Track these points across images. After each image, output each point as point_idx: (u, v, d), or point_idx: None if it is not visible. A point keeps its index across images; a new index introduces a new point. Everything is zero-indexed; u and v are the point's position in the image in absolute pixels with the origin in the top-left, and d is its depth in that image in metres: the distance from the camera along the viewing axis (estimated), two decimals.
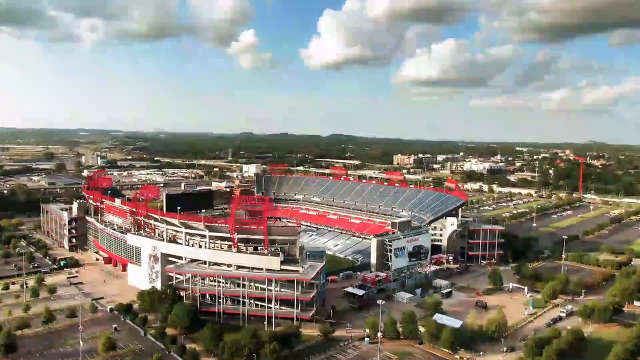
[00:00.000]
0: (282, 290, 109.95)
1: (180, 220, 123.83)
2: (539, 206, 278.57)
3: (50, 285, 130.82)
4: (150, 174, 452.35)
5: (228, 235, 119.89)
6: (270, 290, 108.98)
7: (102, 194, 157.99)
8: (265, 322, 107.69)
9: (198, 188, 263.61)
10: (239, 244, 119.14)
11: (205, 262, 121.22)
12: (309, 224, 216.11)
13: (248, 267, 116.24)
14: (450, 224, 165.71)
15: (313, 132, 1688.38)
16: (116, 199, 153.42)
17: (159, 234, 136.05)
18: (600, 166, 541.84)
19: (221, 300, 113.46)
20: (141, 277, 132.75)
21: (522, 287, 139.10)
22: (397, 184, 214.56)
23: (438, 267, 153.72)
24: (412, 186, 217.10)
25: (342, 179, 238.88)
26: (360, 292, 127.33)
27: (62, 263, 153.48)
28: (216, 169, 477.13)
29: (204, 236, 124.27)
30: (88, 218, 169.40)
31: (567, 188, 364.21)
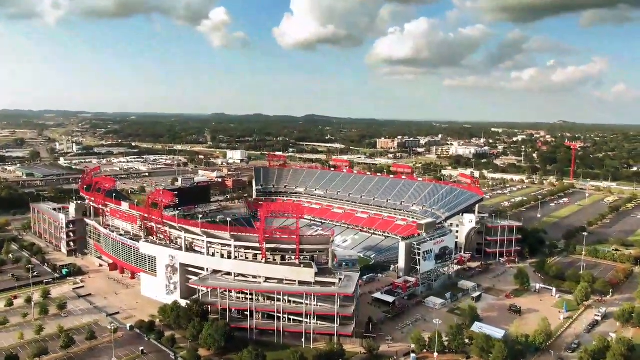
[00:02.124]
0: (320, 304, 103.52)
1: (203, 229, 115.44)
2: (539, 196, 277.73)
3: (59, 299, 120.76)
4: (132, 161, 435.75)
5: (254, 244, 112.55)
6: (308, 305, 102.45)
7: (106, 197, 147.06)
8: (303, 339, 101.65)
9: (197, 179, 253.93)
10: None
11: (229, 274, 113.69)
12: (312, 219, 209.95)
13: (277, 279, 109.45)
14: (469, 221, 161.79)
15: (287, 113, 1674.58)
16: (123, 203, 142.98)
17: (174, 241, 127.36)
18: (579, 149, 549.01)
19: (253, 316, 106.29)
20: (157, 288, 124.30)
21: (550, 287, 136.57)
22: (404, 177, 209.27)
23: (460, 267, 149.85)
24: (420, 179, 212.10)
25: (344, 170, 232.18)
26: (391, 299, 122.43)
27: (64, 271, 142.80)
28: (201, 157, 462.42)
29: (226, 245, 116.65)
30: (88, 221, 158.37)
31: (557, 174, 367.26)
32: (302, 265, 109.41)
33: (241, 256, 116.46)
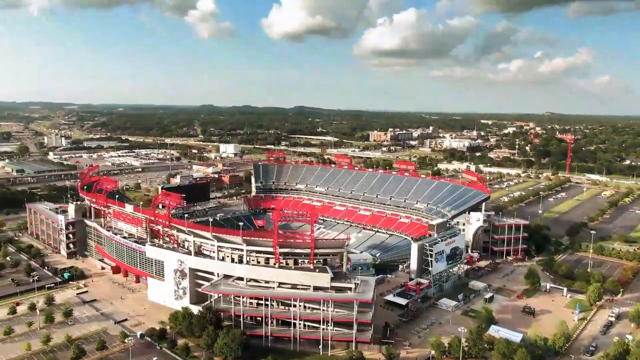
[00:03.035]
0: (337, 310, 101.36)
1: (214, 234, 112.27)
2: (538, 191, 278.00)
3: (64, 306, 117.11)
4: (123, 155, 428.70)
5: (268, 249, 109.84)
6: (326, 312, 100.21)
7: (108, 198, 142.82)
8: (321, 346, 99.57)
9: (194, 176, 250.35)
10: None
11: (241, 279, 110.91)
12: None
13: (290, 284, 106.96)
14: (476, 220, 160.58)
15: (276, 105, 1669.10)
16: (126, 205, 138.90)
17: (181, 244, 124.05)
18: (570, 142, 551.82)
19: (268, 323, 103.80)
20: (165, 293, 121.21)
21: (560, 287, 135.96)
22: (406, 174, 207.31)
23: (469, 267, 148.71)
24: (423, 176, 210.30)
25: (345, 167, 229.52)
26: (404, 302, 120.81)
27: (66, 275, 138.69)
28: (194, 151, 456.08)
29: (236, 249, 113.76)
30: (88, 222, 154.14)
31: (552, 167, 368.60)
32: (317, 270, 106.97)
33: (252, 260, 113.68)
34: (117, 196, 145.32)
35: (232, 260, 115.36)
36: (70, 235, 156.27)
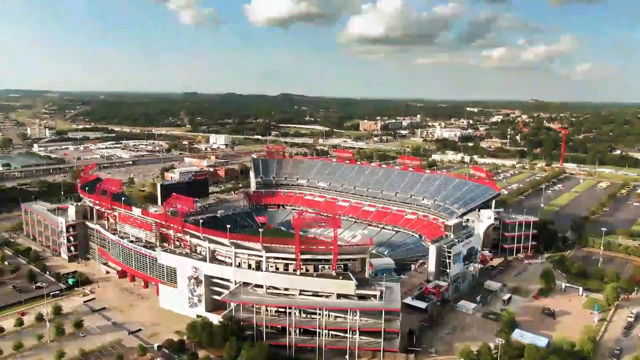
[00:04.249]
0: (363, 319, 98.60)
1: (232, 240, 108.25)
2: (537, 184, 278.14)
3: (74, 317, 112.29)
4: (111, 147, 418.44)
5: (289, 255, 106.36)
6: (353, 321, 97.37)
7: (113, 200, 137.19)
8: (347, 356, 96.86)
9: (187, 168, 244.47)
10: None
11: (260, 286, 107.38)
12: (317, 212, 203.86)
13: (312, 292, 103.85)
14: (487, 217, 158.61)
15: (261, 92, 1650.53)
16: (134, 208, 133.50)
17: (193, 248, 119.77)
18: (559, 130, 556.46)
19: (292, 332, 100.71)
20: (178, 300, 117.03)
21: (576, 286, 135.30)
22: (411, 169, 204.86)
23: (482, 266, 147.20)
24: (427, 171, 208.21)
25: (347, 162, 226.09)
26: (423, 305, 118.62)
27: (70, 281, 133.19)
28: (184, 143, 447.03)
29: (253, 255, 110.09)
30: (90, 224, 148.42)
31: (544, 157, 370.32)
32: (340, 277, 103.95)
33: (271, 266, 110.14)
34: (123, 199, 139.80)
35: (249, 267, 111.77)
36: (71, 238, 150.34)
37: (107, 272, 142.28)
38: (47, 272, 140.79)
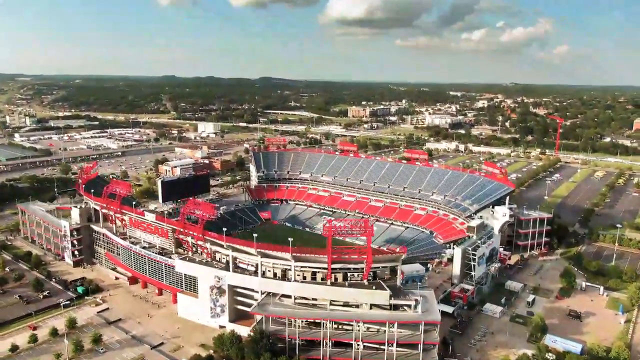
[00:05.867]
0: (400, 330, 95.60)
1: (259, 250, 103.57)
2: (535, 173, 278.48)
3: (90, 329, 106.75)
4: (96, 136, 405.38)
5: (320, 265, 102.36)
6: (391, 333, 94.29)
7: (122, 204, 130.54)
8: None
9: (181, 161, 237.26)
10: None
11: (288, 296, 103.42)
12: (321, 207, 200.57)
13: (343, 302, 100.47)
14: (502, 215, 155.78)
15: (242, 76, 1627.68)
16: (146, 213, 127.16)
17: (211, 255, 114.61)
18: (546, 115, 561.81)
19: (326, 345, 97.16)
20: (199, 310, 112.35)
21: (596, 286, 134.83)
22: (418, 163, 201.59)
23: (501, 266, 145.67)
24: (436, 165, 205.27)
25: (351, 155, 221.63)
26: (450, 309, 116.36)
27: (80, 289, 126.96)
28: (173, 131, 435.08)
29: (279, 264, 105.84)
30: (96, 228, 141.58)
31: (538, 145, 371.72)
32: (373, 287, 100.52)
33: (297, 275, 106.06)
34: (134, 203, 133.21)
35: (274, 275, 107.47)
36: (76, 242, 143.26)
37: (117, 278, 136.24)
38: (53, 279, 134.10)
